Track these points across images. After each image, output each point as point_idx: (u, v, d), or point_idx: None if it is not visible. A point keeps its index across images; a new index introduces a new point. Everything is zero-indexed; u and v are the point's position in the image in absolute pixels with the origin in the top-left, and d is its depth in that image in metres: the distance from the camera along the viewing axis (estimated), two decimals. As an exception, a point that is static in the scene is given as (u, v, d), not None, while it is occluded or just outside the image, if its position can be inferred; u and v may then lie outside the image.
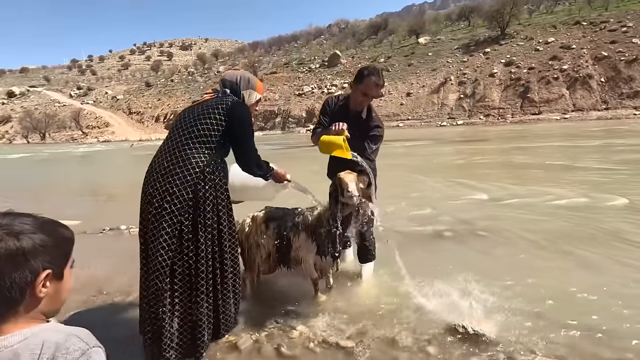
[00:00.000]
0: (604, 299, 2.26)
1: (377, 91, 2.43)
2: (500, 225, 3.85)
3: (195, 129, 1.88)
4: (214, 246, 1.90)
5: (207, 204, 1.86)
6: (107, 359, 0.79)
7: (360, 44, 57.45)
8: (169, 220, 1.78)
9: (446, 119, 35.34)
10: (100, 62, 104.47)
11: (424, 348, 1.88)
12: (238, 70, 2.20)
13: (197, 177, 1.83)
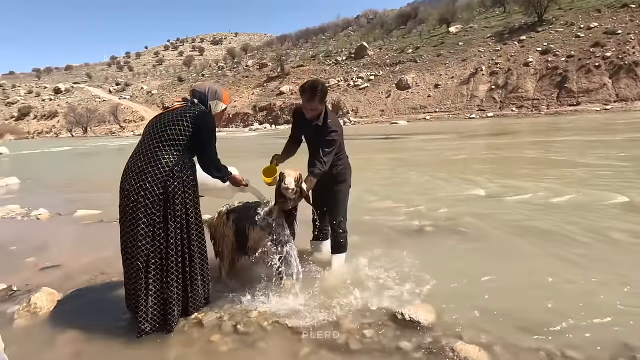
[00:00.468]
0: (546, 296, 2.32)
1: (309, 107, 2.58)
2: (484, 222, 3.89)
3: (165, 133, 2.16)
4: (182, 234, 2.18)
5: (176, 197, 2.14)
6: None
7: (388, 34, 56.38)
8: (144, 212, 2.08)
9: (475, 111, 34.19)
10: (136, 58, 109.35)
11: (362, 331, 2.07)
12: (207, 82, 2.46)
13: (167, 174, 2.11)
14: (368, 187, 6.02)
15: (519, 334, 1.97)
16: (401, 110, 39.33)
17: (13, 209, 5.52)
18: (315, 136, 2.64)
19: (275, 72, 56.51)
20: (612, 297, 2.28)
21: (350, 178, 2.99)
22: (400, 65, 44.70)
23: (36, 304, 2.43)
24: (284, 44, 74.50)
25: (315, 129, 2.65)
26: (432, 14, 53.45)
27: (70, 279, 2.94)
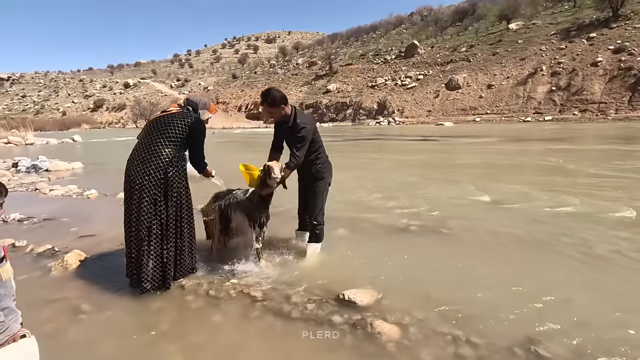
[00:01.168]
0: (482, 293, 2.49)
1: (265, 111, 3.03)
2: (472, 226, 4.00)
3: (166, 131, 2.69)
4: (176, 211, 2.72)
5: (174, 182, 2.67)
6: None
7: (442, 32, 54.45)
8: (147, 192, 2.62)
9: (532, 114, 32.05)
10: (196, 55, 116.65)
11: (306, 304, 2.43)
12: (198, 95, 2.99)
13: (167, 164, 2.65)
14: (373, 187, 6.28)
15: (439, 320, 2.21)
16: (449, 112, 37.98)
17: (71, 189, 6.59)
18: (289, 137, 3.04)
19: (324, 71, 57.26)
20: (539, 299, 2.41)
21: (330, 177, 3.33)
22: (452, 65, 43.07)
23: (67, 261, 3.12)
24: (334, 43, 75.02)
25: (288, 131, 3.04)
26: (492, 10, 50.61)
27: (99, 245, 3.63)
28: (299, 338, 2.12)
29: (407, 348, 1.98)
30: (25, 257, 3.44)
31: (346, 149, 14.40)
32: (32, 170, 9.21)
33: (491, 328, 2.11)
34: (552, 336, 2.03)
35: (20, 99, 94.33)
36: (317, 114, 48.33)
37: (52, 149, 18.45)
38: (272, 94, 2.95)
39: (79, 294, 2.68)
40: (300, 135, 2.95)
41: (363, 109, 44.54)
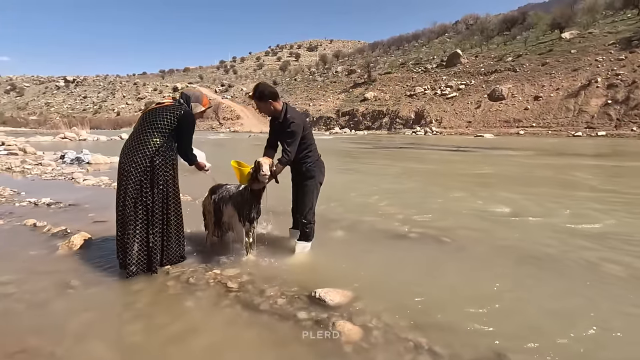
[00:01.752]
0: (457, 304, 2.34)
1: (256, 106, 3.07)
2: (476, 237, 3.78)
3: (155, 123, 2.82)
4: (162, 199, 2.83)
5: (160, 170, 2.79)
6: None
7: (487, 41, 52.48)
8: (133, 179, 2.76)
9: (583, 129, 29.85)
10: (241, 62, 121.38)
11: (277, 299, 2.42)
12: (193, 89, 3.10)
13: (153, 153, 2.77)
14: (384, 193, 6.15)
15: (407, 327, 2.11)
16: (491, 123, 36.36)
17: (103, 180, 7.08)
18: (280, 132, 3.05)
19: (362, 79, 57.23)
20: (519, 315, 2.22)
21: (322, 176, 3.30)
22: (496, 75, 41.33)
23: (73, 242, 3.35)
24: (375, 51, 74.84)
25: (279, 126, 3.06)
26: (544, 19, 48.07)
27: (108, 231, 3.85)
28: (258, 329, 2.12)
29: (363, 350, 1.91)
30: (41, 235, 3.74)
31: (370, 156, 14.24)
32: (75, 162, 10.02)
33: (460, 339, 1.98)
34: (525, 353, 1.86)
35: (82, 99, 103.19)
36: (353, 121, 48.30)
37: (101, 145, 19.89)
38: (260, 89, 3.00)
39: (73, 271, 2.87)
40: (290, 130, 2.96)
41: (400, 118, 43.85)
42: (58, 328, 2.11)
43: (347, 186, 6.97)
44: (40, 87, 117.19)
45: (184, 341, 2.02)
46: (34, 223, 4.05)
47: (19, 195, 5.71)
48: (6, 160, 9.84)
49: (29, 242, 3.53)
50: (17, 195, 5.71)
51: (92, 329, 2.12)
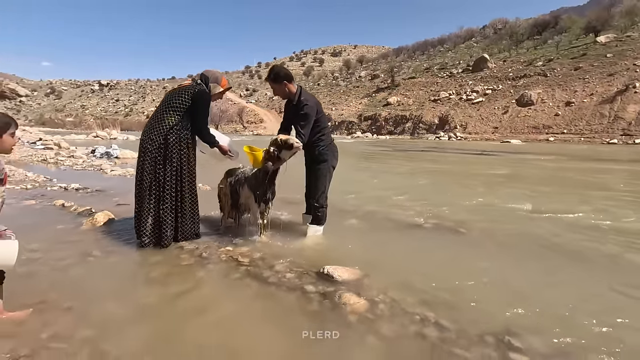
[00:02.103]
0: (466, 287, 2.28)
1: (271, 87, 3.08)
2: (492, 228, 3.67)
3: (172, 102, 2.93)
4: (176, 175, 2.92)
5: (174, 147, 2.89)
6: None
7: (517, 45, 51.04)
8: (149, 155, 2.88)
9: (619, 136, 28.38)
10: (265, 67, 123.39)
11: (286, 274, 2.44)
12: (212, 70, 3.15)
13: (168, 130, 2.88)
14: (401, 189, 6.07)
15: (414, 303, 2.07)
16: (518, 129, 35.19)
17: (129, 171, 7.38)
18: (293, 115, 3.09)
19: (386, 84, 56.91)
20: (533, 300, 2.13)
21: (335, 160, 3.31)
22: (525, 79, 40.05)
23: (97, 218, 3.51)
24: (399, 56, 74.33)
25: (293, 109, 3.10)
26: (577, 22, 46.32)
27: (129, 212, 3.96)
28: (265, 299, 2.15)
29: (368, 321, 1.89)
30: (68, 214, 3.94)
31: (390, 157, 14.09)
32: (105, 156, 10.49)
33: (468, 317, 1.93)
34: (534, 332, 1.79)
35: (114, 102, 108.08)
36: (375, 126, 48.00)
37: (129, 143, 20.70)
38: (275, 70, 3.05)
39: (95, 243, 3.01)
40: (303, 113, 2.99)
41: (423, 123, 43.19)
42: (77, 288, 2.21)
43: (364, 182, 6.94)
44: (76, 90, 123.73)
45: (194, 304, 2.07)
46: (62, 203, 4.28)
47: (51, 181, 6.04)
48: (42, 153, 10.43)
49: (57, 219, 3.73)
50: (49, 181, 6.04)
51: (108, 290, 2.21)
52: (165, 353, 1.62)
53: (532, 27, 53.72)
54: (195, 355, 1.61)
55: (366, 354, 1.63)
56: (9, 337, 1.66)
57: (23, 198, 4.64)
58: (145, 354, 1.60)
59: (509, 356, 1.61)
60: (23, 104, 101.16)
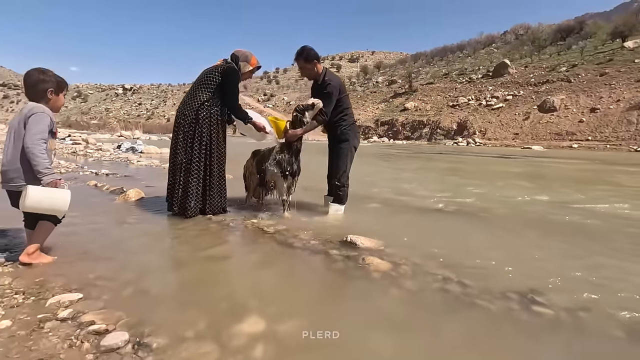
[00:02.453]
0: (490, 257, 2.29)
1: (299, 66, 3.20)
2: (513, 214, 3.68)
3: (203, 80, 3.08)
4: (205, 151, 3.06)
5: (204, 123, 3.04)
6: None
7: (539, 51, 50.05)
8: (182, 130, 3.04)
9: (647, 143, 27.35)
10: (283, 73, 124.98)
11: (310, 241, 2.52)
12: (242, 50, 3.29)
13: (199, 107, 3.03)
14: (421, 182, 6.07)
15: (436, 266, 2.12)
16: (540, 135, 34.37)
17: (153, 162, 7.69)
18: (318, 94, 3.19)
19: (403, 89, 56.68)
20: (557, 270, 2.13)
21: (357, 141, 3.39)
22: (548, 85, 39.17)
23: (128, 194, 3.70)
24: (417, 62, 73.98)
25: (317, 88, 3.20)
26: (603, 28, 45.12)
27: (157, 192, 4.19)
28: (291, 258, 2.23)
29: (391, 277, 1.95)
30: (101, 192, 4.16)
31: (409, 158, 14.03)
32: (130, 151, 10.88)
33: (490, 278, 1.96)
34: (556, 292, 1.81)
35: (137, 106, 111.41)
36: (392, 131, 47.78)
37: (152, 142, 21.36)
38: (307, 50, 3.14)
39: (128, 213, 3.19)
40: (326, 92, 3.09)
41: (441, 129, 42.72)
42: (115, 244, 2.37)
43: (383, 175, 6.98)
44: (101, 94, 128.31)
45: (222, 261, 2.18)
46: (95, 184, 4.51)
47: (82, 169, 6.34)
48: (71, 147, 10.91)
49: (91, 195, 3.95)
50: (80, 169, 6.34)
51: (144, 247, 2.35)
52: (199, 291, 1.73)
53: (556, 33, 52.63)
54: (225, 294, 1.71)
55: (391, 301, 1.69)
56: (61, 275, 1.80)
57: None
58: (180, 292, 1.71)
59: (532, 309, 1.64)
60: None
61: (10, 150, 1.89)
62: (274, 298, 1.69)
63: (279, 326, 1.41)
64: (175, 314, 1.50)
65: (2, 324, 1.34)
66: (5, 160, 1.91)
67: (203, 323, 1.41)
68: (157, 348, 1.24)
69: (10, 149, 1.90)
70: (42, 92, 1.97)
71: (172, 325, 1.38)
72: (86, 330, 1.32)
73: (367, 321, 1.50)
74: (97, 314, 1.43)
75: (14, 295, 1.57)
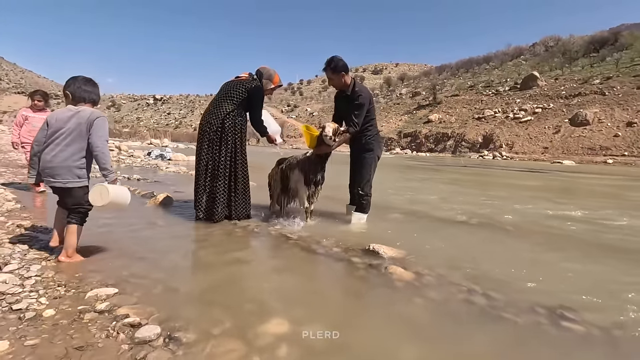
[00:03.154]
0: (533, 273, 2.23)
1: (327, 76, 3.21)
2: (539, 228, 3.55)
3: (229, 93, 3.21)
4: (230, 159, 3.18)
5: (229, 131, 3.16)
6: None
7: (570, 63, 48.52)
8: (207, 138, 3.17)
9: (690, 160, 25.76)
10: (307, 84, 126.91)
11: (332, 248, 2.55)
12: (267, 67, 3.40)
13: (225, 116, 3.16)
14: (445, 194, 5.96)
15: (459, 276, 2.09)
16: (572, 150, 33.05)
17: (181, 169, 7.99)
18: (347, 105, 3.23)
19: (427, 101, 56.18)
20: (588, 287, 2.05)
21: (380, 150, 3.41)
22: (580, 98, 37.80)
23: (158, 199, 3.87)
24: (441, 74, 73.30)
25: (346, 99, 3.25)
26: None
27: (186, 197, 4.34)
28: (314, 264, 2.26)
29: (414, 287, 1.94)
30: (134, 196, 4.33)
31: (432, 170, 13.82)
32: (159, 158, 11.31)
33: (517, 292, 1.91)
34: (588, 309, 1.74)
35: (166, 115, 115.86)
36: (415, 143, 47.26)
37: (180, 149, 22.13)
38: (335, 60, 3.17)
39: (158, 216, 3.33)
40: (357, 103, 3.13)
41: (466, 141, 41.88)
42: (146, 245, 2.48)
43: (406, 187, 6.91)
44: (133, 103, 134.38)
45: (247, 264, 2.24)
46: (127, 188, 4.72)
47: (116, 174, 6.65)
48: (106, 153, 11.47)
49: (124, 198, 4.12)
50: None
51: (173, 248, 2.45)
52: (225, 292, 1.78)
53: (588, 45, 50.91)
54: (250, 295, 1.76)
55: (415, 309, 1.69)
56: (98, 271, 1.91)
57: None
58: (207, 292, 1.78)
59: (561, 324, 1.59)
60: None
61: (61, 149, 2.03)
62: (298, 301, 1.72)
63: (303, 328, 1.43)
64: (203, 312, 1.56)
65: (47, 313, 1.44)
66: (54, 159, 2.04)
67: (229, 322, 1.46)
68: (186, 342, 1.30)
69: (60, 148, 2.03)
70: (90, 100, 2.15)
71: (200, 322, 1.44)
72: (121, 323, 1.39)
73: (390, 328, 1.50)
74: (131, 308, 1.51)
75: (57, 288, 1.68)
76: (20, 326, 1.34)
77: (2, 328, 1.32)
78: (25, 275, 1.78)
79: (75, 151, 2.04)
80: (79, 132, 2.04)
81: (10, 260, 1.95)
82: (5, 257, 1.99)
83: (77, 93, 2.14)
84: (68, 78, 2.18)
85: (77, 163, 2.05)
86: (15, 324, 1.36)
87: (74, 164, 2.05)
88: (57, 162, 2.04)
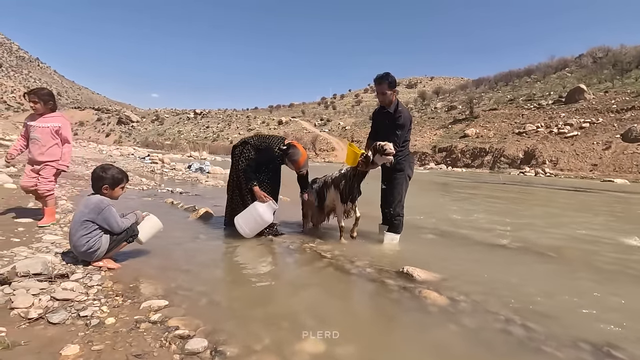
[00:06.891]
0: (578, 304, 2.13)
1: (379, 90, 3.23)
2: (584, 255, 3.38)
3: (258, 150, 3.48)
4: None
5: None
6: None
7: (623, 75, 45.55)
8: (235, 162, 3.41)
9: None
10: (340, 99, 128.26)
11: (366, 269, 2.59)
12: (299, 149, 3.47)
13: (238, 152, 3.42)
14: (484, 214, 5.78)
15: (496, 304, 2.05)
16: (625, 167, 30.75)
17: (219, 182, 8.35)
18: (388, 122, 3.28)
19: (463, 115, 54.75)
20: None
21: (411, 171, 3.42)
22: (634, 112, 35.29)
23: (200, 212, 4.10)
24: (479, 87, 71.35)
25: (387, 116, 3.30)
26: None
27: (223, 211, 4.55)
28: (347, 284, 2.32)
29: (449, 313, 1.94)
30: (178, 210, 4.63)
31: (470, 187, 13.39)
32: (199, 171, 11.88)
33: (558, 323, 1.86)
34: (637, 346, 1.65)
35: (205, 129, 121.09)
36: (451, 158, 45.98)
37: (217, 162, 23.06)
38: (392, 76, 3.23)
39: (200, 229, 3.54)
40: (400, 123, 3.19)
41: (505, 157, 40.16)
42: (191, 257, 2.65)
43: (442, 206, 6.79)
44: (175, 117, 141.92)
45: (282, 280, 2.34)
46: (171, 201, 5.04)
47: (160, 186, 7.09)
48: (150, 165, 12.22)
49: (169, 212, 4.41)
50: (158, 186, 7.10)
51: (214, 262, 2.64)
52: (262, 307, 1.88)
53: (643, 55, 47.64)
54: (286, 312, 1.84)
55: (448, 336, 1.69)
56: (149, 283, 2.09)
57: (142, 196, 5.57)
58: (246, 306, 1.88)
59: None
60: (134, 128, 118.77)
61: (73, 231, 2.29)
62: (332, 321, 1.77)
63: (337, 349, 1.49)
64: (243, 326, 1.66)
65: (109, 320, 1.60)
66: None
67: (268, 338, 1.54)
68: (230, 356, 1.40)
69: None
70: (98, 187, 2.37)
71: (241, 337, 1.54)
72: (173, 334, 1.52)
73: (423, 354, 1.52)
74: (180, 319, 1.64)
75: (115, 297, 1.85)
76: (87, 332, 1.50)
77: (72, 333, 1.49)
78: (89, 284, 1.99)
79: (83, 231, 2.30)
80: (86, 216, 2.30)
81: (76, 270, 2.17)
82: (71, 267, 2.23)
83: (91, 181, 2.43)
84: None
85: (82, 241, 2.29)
86: (82, 329, 1.52)
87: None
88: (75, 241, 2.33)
